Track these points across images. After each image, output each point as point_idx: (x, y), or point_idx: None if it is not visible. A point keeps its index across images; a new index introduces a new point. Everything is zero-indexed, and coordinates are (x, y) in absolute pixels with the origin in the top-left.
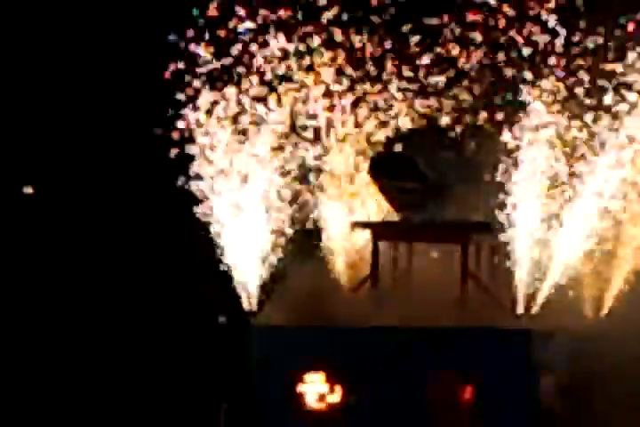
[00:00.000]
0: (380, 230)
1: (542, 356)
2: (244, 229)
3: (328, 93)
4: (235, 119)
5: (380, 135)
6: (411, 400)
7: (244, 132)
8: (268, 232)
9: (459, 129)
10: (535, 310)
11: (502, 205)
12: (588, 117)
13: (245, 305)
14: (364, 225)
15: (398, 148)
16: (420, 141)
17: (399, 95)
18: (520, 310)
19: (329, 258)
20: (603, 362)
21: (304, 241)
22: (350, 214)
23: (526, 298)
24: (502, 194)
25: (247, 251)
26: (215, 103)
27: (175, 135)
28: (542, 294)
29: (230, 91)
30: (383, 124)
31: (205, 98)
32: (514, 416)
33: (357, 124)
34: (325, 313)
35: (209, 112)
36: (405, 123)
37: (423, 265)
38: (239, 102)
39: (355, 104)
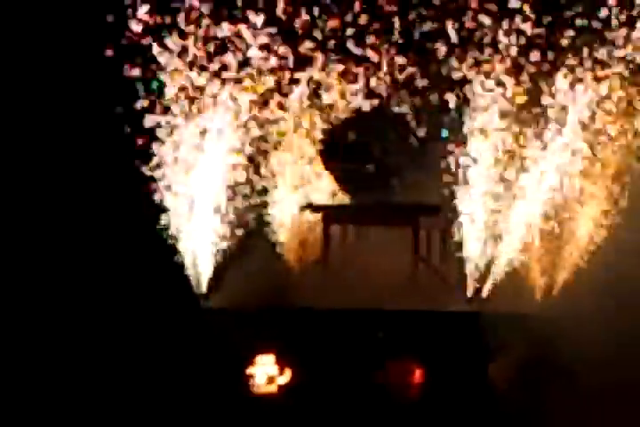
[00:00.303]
0: (330, 213)
1: (492, 339)
2: (195, 213)
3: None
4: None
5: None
6: (360, 384)
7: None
8: (219, 217)
9: (411, 112)
10: (485, 293)
11: (452, 188)
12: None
13: (195, 288)
14: (315, 208)
15: (350, 130)
16: (373, 124)
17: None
18: (470, 293)
19: (279, 241)
20: (554, 345)
21: (255, 225)
22: (300, 197)
23: (476, 281)
24: (452, 177)
25: (198, 235)
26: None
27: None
28: (492, 277)
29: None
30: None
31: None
32: (465, 400)
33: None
34: (276, 296)
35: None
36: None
37: (373, 248)
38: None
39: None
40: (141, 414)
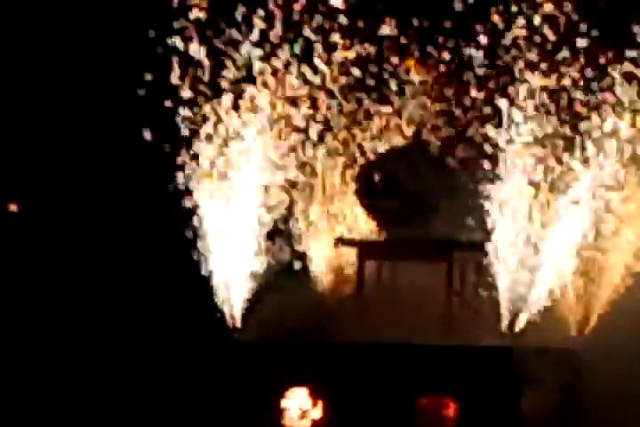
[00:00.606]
0: (365, 248)
1: (526, 373)
2: (230, 245)
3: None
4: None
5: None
6: (395, 418)
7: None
8: (254, 251)
9: (443, 143)
10: (519, 327)
11: (486, 222)
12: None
13: (229, 321)
14: (349, 243)
15: (381, 165)
16: (403, 157)
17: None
18: (504, 328)
19: (313, 274)
20: (588, 379)
21: (290, 260)
22: (336, 233)
23: (510, 316)
24: (486, 211)
25: (233, 266)
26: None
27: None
28: (526, 312)
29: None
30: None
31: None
32: None
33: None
34: (310, 330)
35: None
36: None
37: (408, 283)
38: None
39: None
40: None
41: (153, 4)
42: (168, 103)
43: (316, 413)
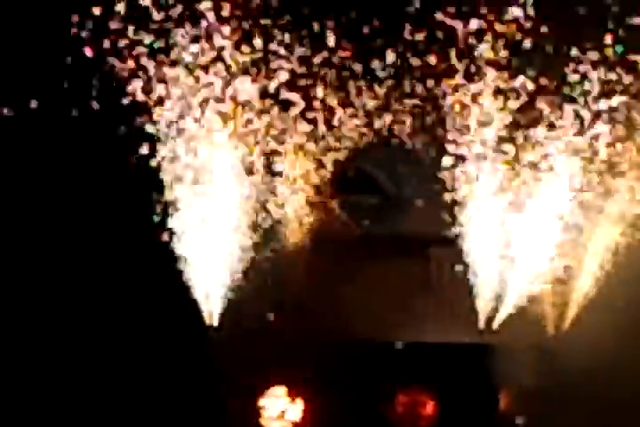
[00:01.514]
0: (340, 245)
1: (503, 371)
2: (207, 243)
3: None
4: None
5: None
6: (373, 416)
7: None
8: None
9: (417, 141)
10: (496, 325)
11: (462, 219)
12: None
13: (207, 319)
14: (324, 240)
15: (356, 162)
16: (378, 155)
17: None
18: (481, 325)
19: (288, 272)
20: (565, 376)
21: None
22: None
23: (487, 313)
24: (461, 207)
25: (211, 264)
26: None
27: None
28: (504, 309)
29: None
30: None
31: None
32: None
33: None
34: (287, 327)
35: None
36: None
37: (383, 280)
38: None
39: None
40: None
41: None
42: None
43: (295, 413)
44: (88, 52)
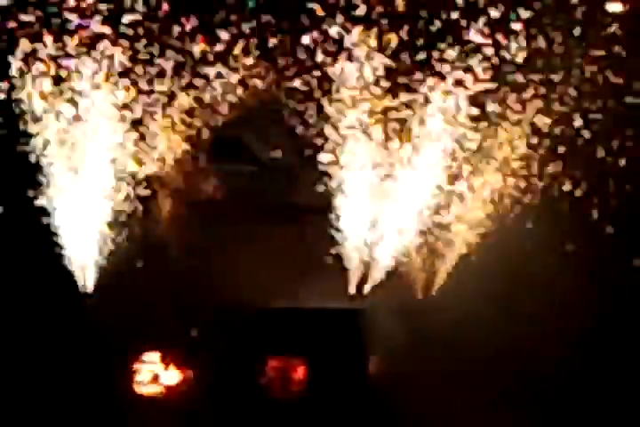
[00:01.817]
0: (214, 213)
1: (374, 334)
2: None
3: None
4: None
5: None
6: (244, 381)
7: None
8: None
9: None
10: (367, 289)
11: (336, 188)
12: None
13: (82, 287)
14: (196, 207)
15: (228, 129)
16: (252, 122)
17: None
18: (352, 290)
19: (161, 240)
20: (434, 340)
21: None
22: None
23: (358, 279)
24: (336, 177)
25: (85, 232)
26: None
27: None
28: (374, 274)
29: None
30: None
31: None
32: (346, 396)
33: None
34: (162, 294)
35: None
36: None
37: (257, 248)
38: None
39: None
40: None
41: None
42: None
43: (170, 378)
44: None
